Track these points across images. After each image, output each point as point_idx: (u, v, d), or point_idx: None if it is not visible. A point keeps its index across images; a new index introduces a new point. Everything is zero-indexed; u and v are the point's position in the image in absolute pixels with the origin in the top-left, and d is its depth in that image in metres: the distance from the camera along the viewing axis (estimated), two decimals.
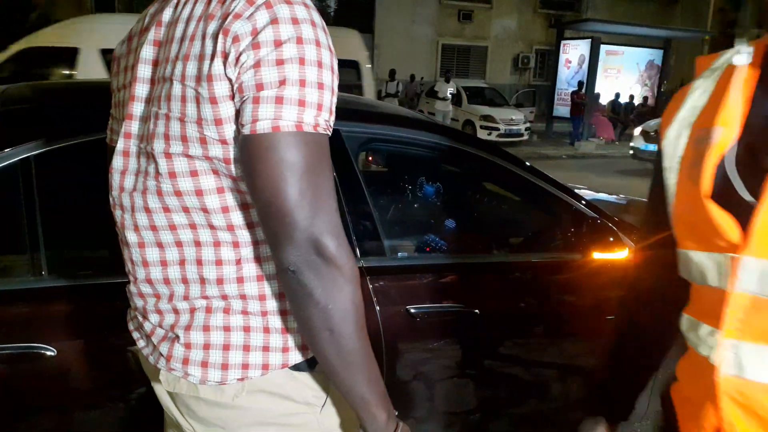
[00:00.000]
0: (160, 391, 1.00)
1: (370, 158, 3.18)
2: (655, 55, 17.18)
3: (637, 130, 10.62)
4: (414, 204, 2.59)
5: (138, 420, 1.52)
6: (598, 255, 1.91)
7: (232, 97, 0.80)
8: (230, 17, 0.79)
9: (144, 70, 0.91)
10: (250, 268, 0.89)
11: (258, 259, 0.89)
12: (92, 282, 1.53)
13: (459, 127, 12.98)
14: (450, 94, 13.29)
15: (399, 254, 1.86)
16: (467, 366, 1.86)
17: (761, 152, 0.74)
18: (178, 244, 0.90)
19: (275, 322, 0.91)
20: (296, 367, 0.93)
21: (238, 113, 0.80)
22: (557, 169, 12.01)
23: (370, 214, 1.77)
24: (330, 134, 0.83)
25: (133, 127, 0.93)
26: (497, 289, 1.91)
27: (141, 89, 0.91)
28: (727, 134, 0.77)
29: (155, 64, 0.89)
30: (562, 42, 15.57)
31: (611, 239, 1.93)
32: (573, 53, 15.52)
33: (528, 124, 14.02)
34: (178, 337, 0.92)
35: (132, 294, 0.99)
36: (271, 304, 0.91)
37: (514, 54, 20.16)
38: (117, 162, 0.95)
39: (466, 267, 1.92)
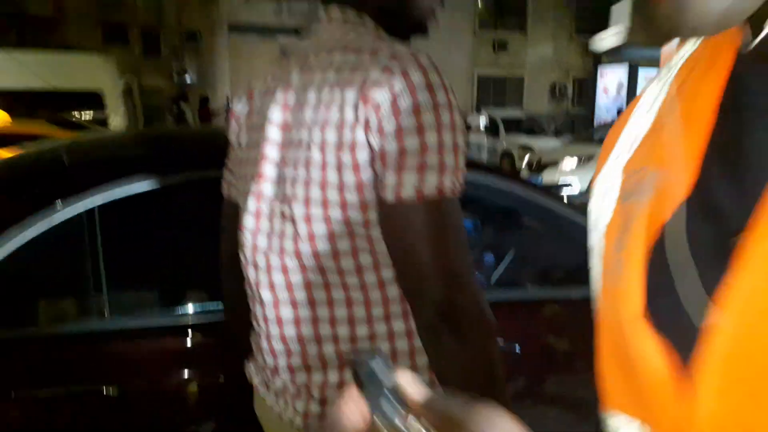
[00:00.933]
0: None
1: None
2: None
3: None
4: None
5: None
6: None
7: (373, 163, 0.83)
8: (368, 85, 0.82)
9: (274, 133, 0.93)
10: (382, 327, 0.92)
11: (388, 317, 0.92)
12: (148, 325, 1.63)
13: (497, 158, 12.97)
14: (483, 125, 13.33)
15: None
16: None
17: (723, 215, 0.38)
18: (312, 302, 0.92)
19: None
20: None
21: (377, 178, 0.83)
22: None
23: None
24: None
25: (265, 187, 0.94)
26: (536, 326, 1.93)
27: (272, 151, 0.93)
28: (669, 182, 0.42)
29: (285, 127, 0.92)
30: (600, 68, 15.49)
31: None
32: (611, 79, 15.41)
33: None
34: (312, 396, 0.94)
35: (263, 350, 1.01)
36: (403, 362, 0.92)
37: (551, 82, 20.14)
38: (249, 222, 0.97)
39: (507, 305, 1.95)
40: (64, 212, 1.56)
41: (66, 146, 1.93)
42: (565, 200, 2.09)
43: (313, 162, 0.86)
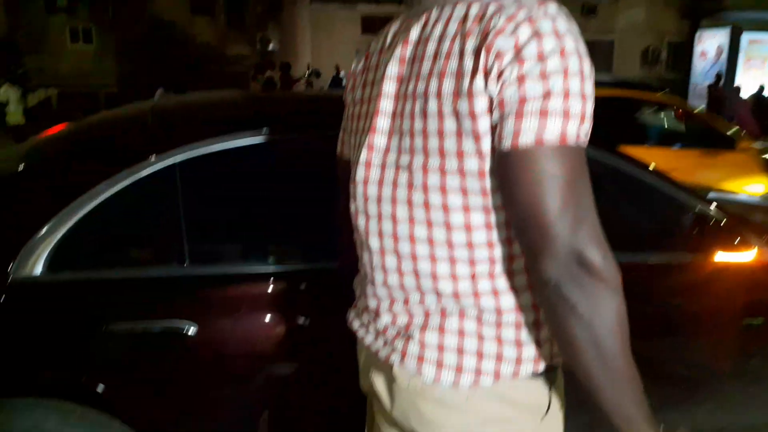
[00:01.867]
0: (380, 386, 1.01)
1: None
2: None
3: None
4: None
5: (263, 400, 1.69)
6: (721, 256, 1.82)
7: (491, 112, 0.81)
8: (491, 34, 0.80)
9: (389, 86, 0.94)
10: (486, 283, 0.90)
11: (492, 275, 0.89)
12: (226, 271, 1.73)
13: None
14: None
15: None
16: None
17: None
18: (414, 257, 0.92)
19: (509, 333, 0.90)
20: (528, 376, 0.93)
21: (495, 128, 0.81)
22: None
23: None
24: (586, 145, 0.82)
25: (378, 139, 0.96)
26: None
27: (386, 104, 0.95)
28: None
29: (401, 81, 0.93)
30: (698, 32, 14.53)
31: (737, 240, 1.84)
32: (709, 44, 14.41)
33: None
34: (412, 336, 0.94)
35: (367, 295, 1.03)
36: (507, 317, 0.90)
37: (644, 47, 19.08)
38: (360, 172, 0.98)
39: None
40: (155, 165, 1.67)
41: (156, 105, 2.05)
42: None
43: (430, 112, 0.86)
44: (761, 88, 14.66)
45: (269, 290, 1.68)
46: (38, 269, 1.58)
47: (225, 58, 16.50)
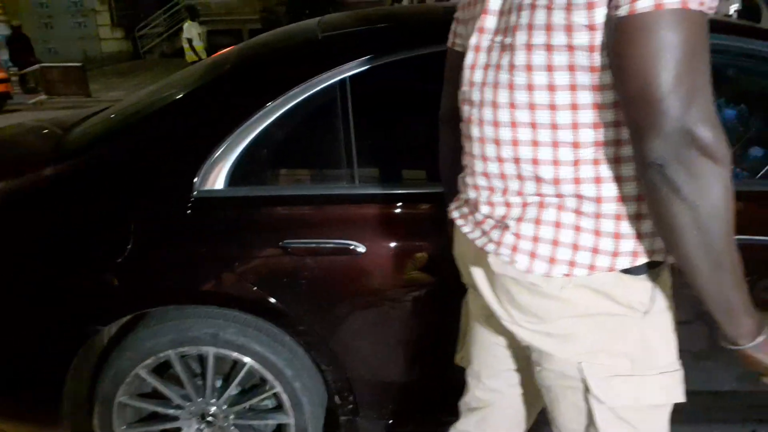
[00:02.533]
0: (479, 277, 1.04)
1: None
2: None
3: None
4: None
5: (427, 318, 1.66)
6: None
7: None
8: None
9: None
10: (588, 170, 0.87)
11: (597, 161, 0.87)
12: (395, 191, 1.68)
13: None
14: (734, 10, 11.25)
15: None
16: None
17: None
18: (515, 142, 0.91)
19: (608, 225, 0.88)
20: (625, 271, 0.91)
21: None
22: None
23: None
24: (710, 15, 0.75)
25: (488, 21, 0.95)
26: None
27: None
28: None
29: None
30: None
31: None
32: None
33: None
34: (508, 226, 0.94)
35: (467, 185, 1.04)
36: (607, 207, 0.88)
37: None
38: (469, 57, 0.98)
39: None
40: (322, 81, 1.64)
41: (322, 22, 2.01)
42: None
43: None
44: None
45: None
46: (220, 184, 1.62)
47: None
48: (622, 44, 0.76)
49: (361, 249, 1.59)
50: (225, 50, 2.22)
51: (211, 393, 1.74)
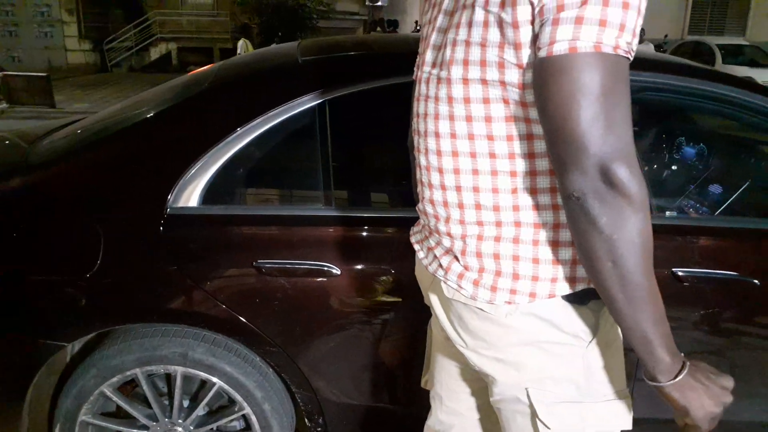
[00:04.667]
0: (435, 301, 1.08)
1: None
2: None
3: None
4: (677, 164, 2.39)
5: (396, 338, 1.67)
6: None
7: (533, 22, 0.81)
8: None
9: (448, 2, 0.95)
10: (526, 198, 0.91)
11: (534, 190, 0.90)
12: (371, 214, 1.70)
13: None
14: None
15: (666, 213, 1.75)
16: (738, 339, 1.71)
17: None
18: (456, 171, 0.95)
19: (546, 252, 0.92)
20: (569, 299, 0.94)
21: (536, 38, 0.80)
22: None
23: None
24: (631, 58, 0.79)
25: (429, 55, 0.99)
26: None
27: (442, 20, 0.96)
28: None
29: None
30: None
31: None
32: None
33: None
34: (455, 255, 0.99)
35: (420, 211, 1.09)
36: (544, 234, 0.92)
37: None
38: (415, 90, 1.04)
39: (743, 232, 1.74)
40: (300, 104, 1.66)
41: (301, 46, 2.04)
42: None
43: (475, 22, 0.86)
44: None
45: None
46: (194, 202, 1.62)
47: (335, 14, 16.59)
48: (542, 84, 0.79)
49: (336, 271, 1.60)
50: (203, 68, 2.22)
51: (178, 413, 1.71)
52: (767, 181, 2.19)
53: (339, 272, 1.60)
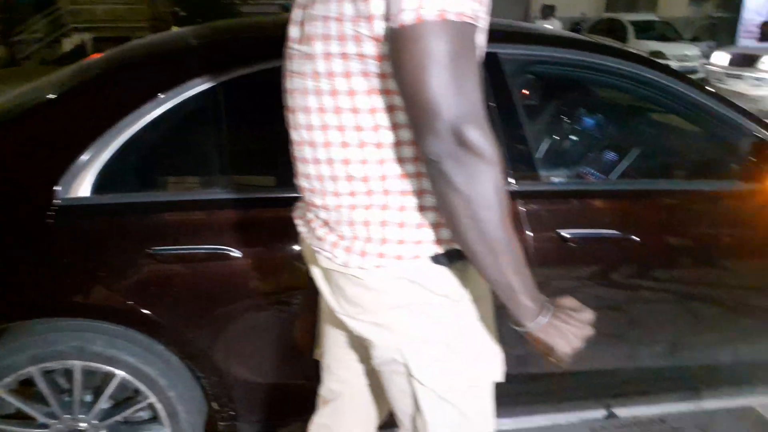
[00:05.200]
0: (317, 273, 1.12)
1: (526, 92, 3.10)
2: None
3: None
4: (575, 134, 2.50)
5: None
6: None
7: None
8: None
9: None
10: (393, 167, 0.95)
11: (400, 159, 0.94)
12: (269, 195, 1.70)
13: None
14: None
15: (553, 179, 1.84)
16: (617, 293, 1.82)
17: None
18: (327, 144, 0.97)
19: (411, 217, 0.97)
20: (438, 261, 0.99)
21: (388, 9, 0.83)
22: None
23: (525, 139, 1.76)
24: (478, 25, 0.83)
25: (293, 30, 1.02)
26: (658, 217, 1.82)
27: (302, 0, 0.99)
28: None
29: None
30: None
31: None
32: None
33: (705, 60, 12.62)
34: (330, 226, 1.03)
35: (297, 187, 1.11)
36: (409, 201, 0.96)
37: None
38: (285, 66, 1.05)
39: (623, 193, 1.85)
40: (193, 87, 1.64)
41: (195, 31, 2.00)
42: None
43: None
44: None
45: None
46: (85, 191, 1.58)
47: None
48: (395, 54, 0.83)
49: (237, 254, 1.60)
50: (95, 55, 2.15)
51: (78, 408, 1.68)
52: (653, 147, 2.33)
53: (240, 255, 1.60)
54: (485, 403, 1.11)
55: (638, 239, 1.74)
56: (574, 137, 2.50)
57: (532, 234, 1.69)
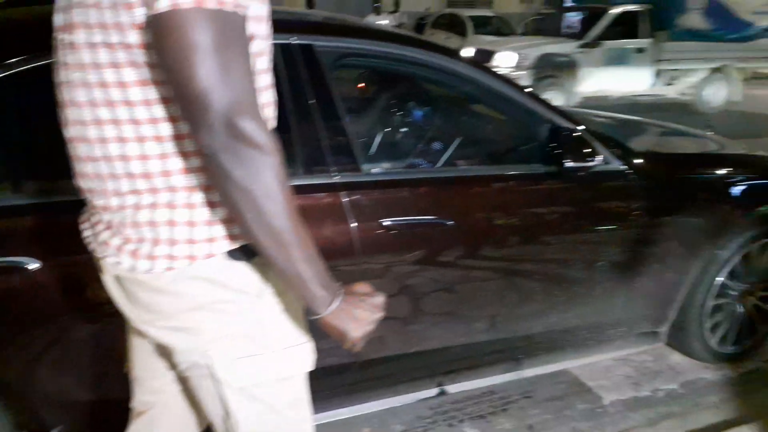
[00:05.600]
0: (108, 281, 1.05)
1: (362, 84, 3.15)
2: None
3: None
4: (399, 124, 2.58)
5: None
6: (571, 165, 1.92)
7: None
8: None
9: None
10: (176, 162, 0.90)
11: (183, 153, 0.90)
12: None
13: None
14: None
15: (374, 170, 1.88)
16: (439, 276, 1.92)
17: None
18: (102, 140, 0.91)
19: (200, 214, 0.93)
20: (234, 256, 0.96)
21: None
22: None
23: (344, 131, 1.78)
24: (243, 15, 0.81)
25: (58, 18, 0.94)
26: (471, 202, 1.94)
27: None
28: None
29: None
30: None
31: (586, 150, 1.94)
32: None
33: None
34: (113, 229, 0.97)
35: (78, 189, 1.02)
36: (197, 197, 0.92)
37: None
38: (56, 57, 0.97)
39: (440, 181, 1.94)
40: None
41: None
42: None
43: None
44: None
45: None
46: None
47: None
48: (156, 43, 0.79)
49: (35, 265, 1.46)
50: None
51: None
52: (472, 135, 2.47)
53: (40, 266, 1.46)
54: (297, 395, 1.11)
55: (453, 223, 1.84)
56: (402, 129, 2.58)
57: (356, 224, 1.72)
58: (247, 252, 0.97)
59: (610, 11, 9.32)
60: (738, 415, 2.29)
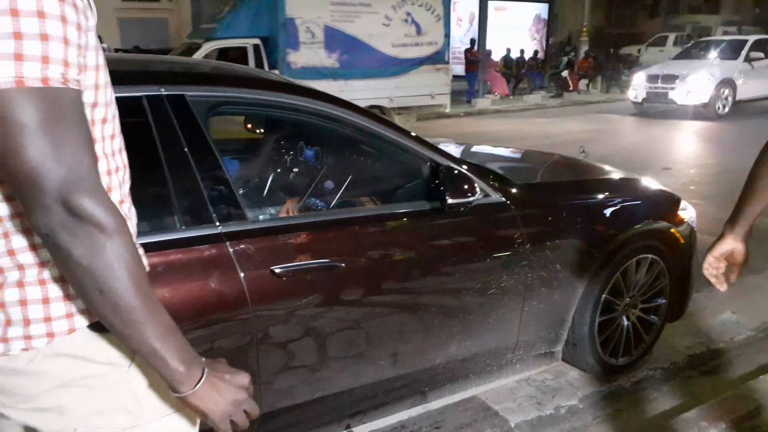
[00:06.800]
0: None
1: (249, 126, 3.11)
2: (541, 9, 17.77)
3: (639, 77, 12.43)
4: (286, 168, 2.56)
5: None
6: (453, 201, 1.97)
7: None
8: None
9: None
10: (20, 240, 0.86)
11: (27, 230, 0.86)
12: None
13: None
14: None
15: (260, 217, 1.84)
16: (336, 318, 1.89)
17: None
18: None
19: (54, 290, 0.88)
20: (96, 329, 0.91)
21: None
22: (455, 126, 12.26)
23: (225, 179, 1.73)
24: (76, 88, 0.78)
25: None
26: (361, 242, 1.94)
27: None
28: None
29: None
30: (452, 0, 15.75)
31: (466, 186, 2.00)
32: (463, 11, 15.75)
33: None
34: None
35: None
36: (47, 273, 0.87)
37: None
38: None
39: (329, 223, 1.93)
40: None
41: None
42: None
43: None
44: (508, 51, 16.52)
45: None
46: None
47: None
48: None
49: None
50: None
51: None
52: (361, 176, 2.48)
53: None
54: None
55: (343, 265, 1.83)
56: (290, 173, 2.56)
57: (243, 275, 1.66)
58: None
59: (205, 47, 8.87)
60: (633, 424, 2.41)
